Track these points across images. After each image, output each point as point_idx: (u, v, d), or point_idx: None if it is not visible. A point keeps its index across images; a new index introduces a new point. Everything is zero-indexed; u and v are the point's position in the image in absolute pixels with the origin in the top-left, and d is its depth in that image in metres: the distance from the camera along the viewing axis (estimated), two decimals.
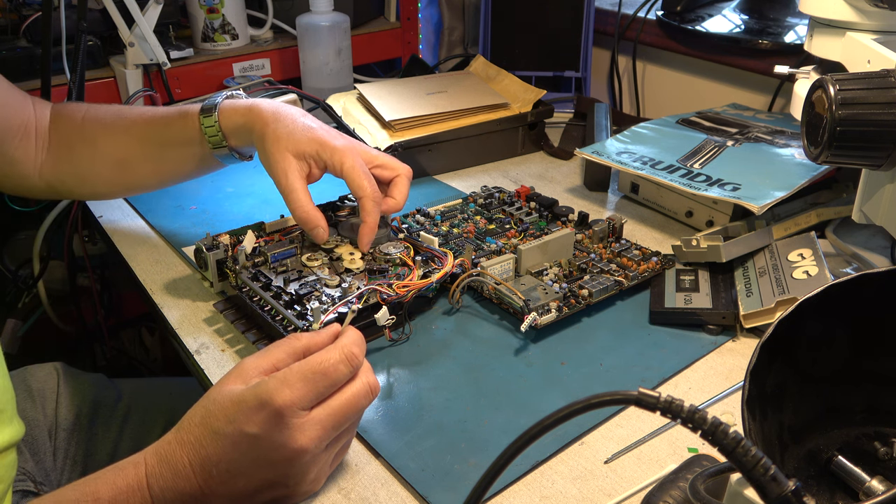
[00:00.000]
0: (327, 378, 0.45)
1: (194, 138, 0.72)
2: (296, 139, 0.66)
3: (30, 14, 1.08)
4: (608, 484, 0.50)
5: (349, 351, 0.46)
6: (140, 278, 0.75)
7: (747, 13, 1.11)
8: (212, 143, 0.71)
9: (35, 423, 0.80)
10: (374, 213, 0.66)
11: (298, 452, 0.43)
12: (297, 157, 0.66)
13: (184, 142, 0.73)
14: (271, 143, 0.66)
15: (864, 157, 0.52)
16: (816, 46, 0.67)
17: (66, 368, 0.86)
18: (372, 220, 0.67)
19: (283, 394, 0.43)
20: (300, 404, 0.43)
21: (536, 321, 0.62)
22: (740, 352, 0.63)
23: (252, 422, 0.43)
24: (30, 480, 0.71)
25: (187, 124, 0.72)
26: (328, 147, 0.66)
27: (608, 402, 0.32)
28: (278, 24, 1.27)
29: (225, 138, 0.71)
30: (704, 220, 0.80)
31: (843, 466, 0.42)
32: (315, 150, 0.66)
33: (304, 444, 0.43)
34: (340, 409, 0.45)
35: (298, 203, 0.66)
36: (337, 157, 0.66)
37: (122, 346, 1.38)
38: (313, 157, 0.67)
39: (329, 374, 0.45)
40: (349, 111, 1.00)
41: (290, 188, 0.66)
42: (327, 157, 0.66)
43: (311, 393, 0.44)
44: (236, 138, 0.72)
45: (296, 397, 0.43)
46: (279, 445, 0.43)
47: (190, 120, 0.72)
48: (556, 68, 1.22)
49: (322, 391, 0.45)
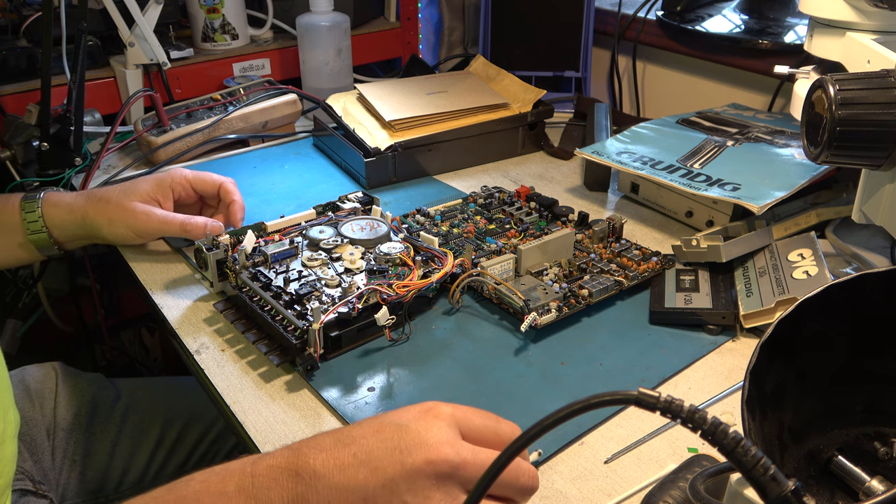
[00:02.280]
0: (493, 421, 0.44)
1: (14, 226, 0.73)
2: (133, 190, 0.74)
3: (30, 14, 1.08)
4: (608, 484, 0.50)
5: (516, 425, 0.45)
6: (140, 278, 0.75)
7: (747, 13, 1.11)
8: (30, 231, 0.73)
9: (33, 423, 0.80)
10: (239, 192, 0.79)
11: (442, 460, 0.40)
12: (143, 202, 0.74)
13: (2, 229, 0.74)
14: (118, 211, 0.73)
15: (864, 157, 0.52)
16: (816, 46, 0.67)
17: (64, 368, 0.86)
18: (239, 197, 0.78)
19: (448, 406, 0.42)
20: (460, 422, 0.42)
21: (536, 321, 0.62)
22: (740, 352, 0.63)
23: (406, 415, 0.42)
24: (28, 480, 0.71)
25: (8, 210, 0.73)
26: (159, 178, 0.76)
27: (608, 402, 0.32)
28: (278, 24, 1.27)
29: (46, 227, 0.73)
30: (704, 220, 0.80)
31: (843, 466, 0.42)
32: (153, 186, 0.75)
33: (449, 455, 0.40)
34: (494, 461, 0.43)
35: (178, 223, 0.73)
36: (174, 177, 0.76)
37: (122, 346, 1.38)
38: (155, 194, 0.75)
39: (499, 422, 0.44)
40: (349, 111, 1.00)
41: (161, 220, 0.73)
42: (166, 184, 0.76)
43: (473, 420, 0.43)
44: (61, 230, 0.74)
45: (458, 413, 0.42)
46: (424, 442, 0.40)
47: (10, 207, 0.73)
48: (556, 68, 1.22)
49: (483, 431, 0.43)
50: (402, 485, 0.40)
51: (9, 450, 0.54)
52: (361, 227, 0.73)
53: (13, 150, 0.92)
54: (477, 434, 0.43)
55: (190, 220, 0.74)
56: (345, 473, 0.40)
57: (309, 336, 0.58)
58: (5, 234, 0.74)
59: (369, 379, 0.59)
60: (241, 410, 0.57)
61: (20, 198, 0.74)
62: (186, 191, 0.77)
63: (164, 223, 0.73)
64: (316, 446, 0.41)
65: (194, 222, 0.74)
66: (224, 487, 0.40)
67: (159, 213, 0.74)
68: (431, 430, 0.41)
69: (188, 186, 0.77)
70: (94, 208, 0.73)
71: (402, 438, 0.40)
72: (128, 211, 0.72)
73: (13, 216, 0.73)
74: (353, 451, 0.40)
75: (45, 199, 0.74)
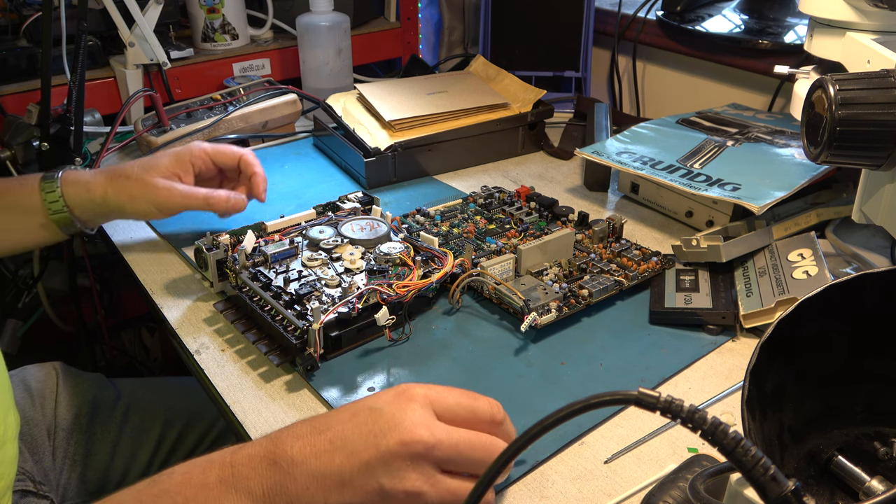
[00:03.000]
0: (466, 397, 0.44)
1: (35, 208, 0.72)
2: (153, 165, 0.73)
3: (30, 14, 1.08)
4: (608, 484, 0.50)
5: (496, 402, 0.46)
6: (140, 278, 0.75)
7: (747, 13, 1.11)
8: (52, 211, 0.71)
9: (34, 423, 0.80)
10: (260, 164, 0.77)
11: (415, 440, 0.41)
12: (164, 177, 0.72)
13: (23, 211, 0.72)
14: (139, 187, 0.71)
15: (864, 157, 0.52)
16: (816, 46, 0.67)
17: (65, 368, 0.86)
18: (261, 169, 0.77)
19: (421, 388, 0.43)
20: (433, 401, 0.43)
21: (536, 321, 0.62)
22: (740, 352, 0.63)
23: (381, 399, 0.43)
24: (29, 480, 0.71)
25: (27, 192, 0.72)
26: (178, 153, 0.74)
27: (608, 402, 0.32)
28: (278, 24, 1.27)
29: (67, 207, 0.72)
30: (704, 220, 0.80)
31: (843, 466, 0.42)
32: (173, 161, 0.74)
33: (423, 436, 0.41)
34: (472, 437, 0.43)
35: (202, 198, 0.72)
36: (193, 151, 0.74)
37: (122, 346, 1.38)
38: (175, 168, 0.73)
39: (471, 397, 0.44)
40: (349, 111, 1.00)
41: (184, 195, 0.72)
42: (186, 159, 0.74)
43: (447, 399, 0.43)
44: (82, 209, 0.73)
45: (431, 394, 0.43)
46: (398, 425, 0.41)
47: (30, 188, 0.72)
48: (556, 68, 1.22)
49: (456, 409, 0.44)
50: (377, 467, 0.40)
51: (9, 452, 0.54)
52: (361, 227, 0.73)
53: (13, 150, 0.92)
54: (452, 413, 0.43)
55: (213, 194, 0.73)
56: (321, 459, 0.40)
57: (309, 336, 0.58)
58: (27, 215, 0.72)
59: (369, 379, 0.59)
60: (241, 410, 0.57)
61: (39, 178, 0.72)
62: (206, 164, 0.76)
63: (186, 198, 0.72)
64: (293, 434, 0.42)
65: (217, 195, 0.73)
66: (205, 479, 0.41)
67: (181, 188, 0.72)
68: (405, 412, 0.41)
69: (207, 160, 0.75)
70: (115, 186, 0.72)
71: (377, 422, 0.41)
72: (149, 187, 0.71)
73: (33, 197, 0.72)
74: (328, 437, 0.41)
75: (63, 179, 0.72)
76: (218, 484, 0.40)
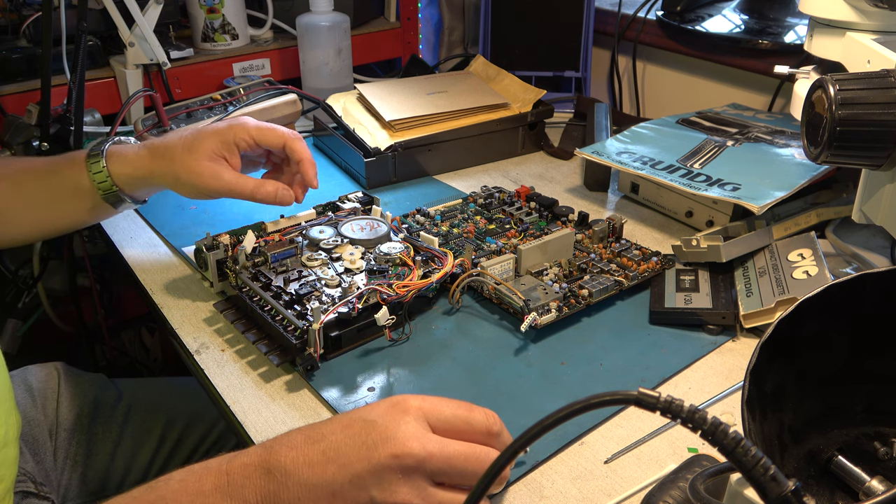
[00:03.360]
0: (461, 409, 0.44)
1: (84, 186, 0.70)
2: (197, 147, 0.69)
3: (30, 14, 1.08)
4: (608, 484, 0.50)
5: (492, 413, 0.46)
6: (140, 278, 0.75)
7: (747, 13, 1.11)
8: (101, 190, 0.70)
9: (35, 423, 0.80)
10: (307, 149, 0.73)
11: (406, 454, 0.41)
12: (210, 160, 0.69)
13: (73, 189, 0.71)
14: (184, 170, 0.68)
15: (864, 157, 0.52)
16: (816, 46, 0.67)
17: (66, 368, 0.86)
18: (309, 154, 0.73)
19: (416, 399, 0.43)
20: (427, 414, 0.43)
21: (536, 321, 0.62)
22: (740, 352, 0.63)
23: (375, 411, 0.43)
24: (30, 481, 0.71)
25: (75, 171, 0.70)
26: (222, 133, 0.70)
27: (608, 402, 0.32)
28: (278, 24, 1.27)
29: (115, 184, 0.70)
30: (704, 220, 0.80)
31: (843, 466, 0.42)
32: (218, 143, 0.69)
33: (414, 449, 0.41)
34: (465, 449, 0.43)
35: (249, 190, 0.69)
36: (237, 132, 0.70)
37: (122, 346, 1.38)
38: (220, 150, 0.70)
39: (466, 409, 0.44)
40: (349, 111, 1.00)
41: (231, 184, 0.69)
42: (230, 139, 0.70)
43: (443, 411, 0.43)
44: (129, 185, 0.71)
45: (426, 406, 0.43)
46: (391, 437, 0.41)
47: (77, 166, 0.70)
48: (556, 68, 1.22)
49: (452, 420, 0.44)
50: (368, 479, 0.41)
51: (10, 453, 0.54)
52: (361, 227, 0.73)
53: (13, 150, 0.92)
54: (448, 425, 0.44)
55: (260, 189, 0.70)
56: (313, 470, 0.41)
57: (309, 336, 0.58)
58: (78, 196, 0.71)
59: (369, 379, 0.59)
60: (241, 410, 0.57)
61: (84, 157, 0.71)
62: (251, 145, 0.72)
63: (233, 187, 0.70)
64: (287, 444, 0.42)
65: (265, 190, 0.70)
66: (201, 486, 0.41)
67: (228, 177, 0.69)
68: (398, 424, 0.42)
69: (252, 141, 0.72)
70: (160, 166, 0.70)
71: (370, 434, 0.41)
72: (194, 173, 0.69)
73: (82, 177, 0.70)
74: (321, 447, 0.41)
75: (108, 156, 0.70)
76: (213, 491, 0.41)
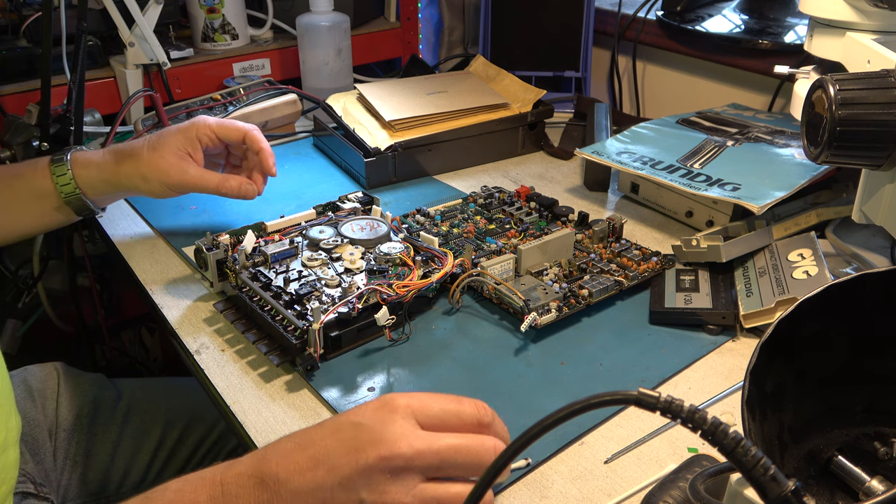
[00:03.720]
0: (450, 402, 0.44)
1: (46, 190, 0.73)
2: (162, 145, 0.73)
3: (30, 14, 1.08)
4: (608, 484, 0.50)
5: (481, 403, 0.46)
6: (140, 278, 0.75)
7: (747, 13, 1.11)
8: (64, 194, 0.73)
9: (35, 424, 0.80)
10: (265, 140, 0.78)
11: (394, 455, 0.41)
12: (175, 157, 0.73)
13: (35, 194, 0.73)
14: (150, 168, 0.73)
15: (864, 157, 0.52)
16: (816, 46, 0.67)
17: (66, 368, 0.86)
18: (267, 145, 0.77)
19: (404, 397, 0.43)
20: (416, 412, 0.43)
21: (536, 321, 0.62)
22: (740, 352, 0.63)
23: (363, 413, 0.43)
24: (29, 482, 0.71)
25: (38, 175, 0.73)
26: (185, 130, 0.74)
27: (608, 402, 0.32)
28: (278, 24, 1.27)
29: (78, 188, 0.73)
30: (704, 220, 0.80)
31: (843, 466, 0.42)
32: (182, 140, 0.74)
33: (402, 450, 0.41)
34: (455, 441, 0.43)
35: (214, 184, 0.74)
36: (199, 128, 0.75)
37: (122, 346, 1.38)
38: (185, 147, 0.74)
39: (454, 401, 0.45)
40: (349, 111, 1.00)
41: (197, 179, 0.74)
42: (193, 135, 0.74)
43: (431, 407, 0.44)
44: (94, 190, 0.74)
45: (414, 403, 0.43)
46: (378, 439, 0.41)
47: (41, 171, 0.73)
48: (556, 68, 1.22)
49: (441, 414, 0.44)
50: (357, 482, 0.41)
51: (11, 456, 0.54)
52: (361, 227, 0.73)
53: (13, 150, 0.92)
54: (437, 420, 0.44)
55: (225, 183, 0.75)
56: (304, 476, 0.41)
57: (309, 336, 0.58)
58: (40, 199, 0.74)
59: (369, 379, 0.59)
60: (241, 410, 0.57)
61: (48, 162, 0.74)
62: (213, 140, 0.76)
63: (199, 181, 0.74)
64: (278, 452, 0.43)
65: (229, 185, 0.75)
66: (196, 497, 0.41)
67: (194, 172, 0.74)
68: (386, 425, 0.42)
69: (213, 136, 0.76)
70: (126, 167, 0.73)
71: (358, 437, 0.42)
72: (160, 170, 0.73)
73: (45, 181, 0.73)
74: (311, 453, 0.42)
75: (73, 161, 0.74)
76: (209, 502, 0.41)
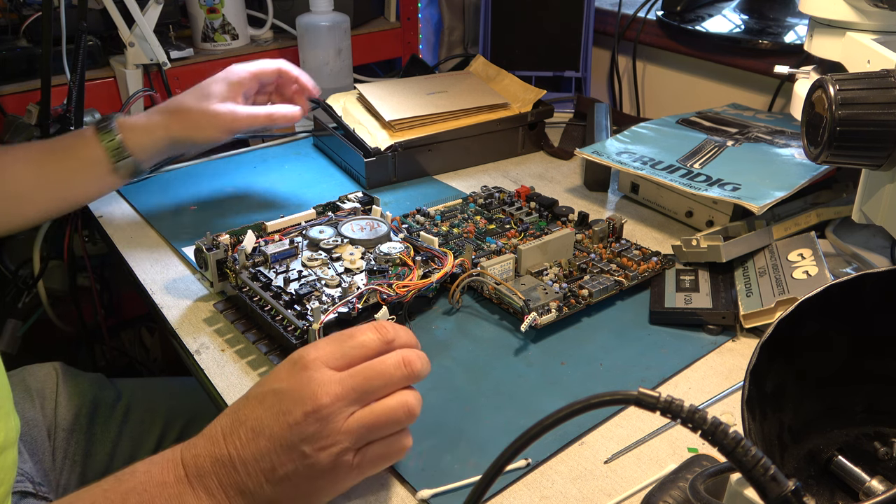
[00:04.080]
0: (353, 338, 0.47)
1: (97, 158, 0.76)
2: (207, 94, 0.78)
3: (30, 14, 1.08)
4: (608, 484, 0.50)
5: (379, 323, 0.48)
6: (140, 278, 0.75)
7: (747, 13, 1.11)
8: (116, 157, 0.76)
9: (34, 423, 0.80)
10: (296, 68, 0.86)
11: (317, 407, 0.44)
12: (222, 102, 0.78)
13: (88, 163, 0.76)
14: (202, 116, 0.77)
15: (864, 157, 0.52)
16: (816, 46, 0.67)
17: (65, 368, 0.86)
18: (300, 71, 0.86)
19: (311, 351, 0.46)
20: (326, 360, 0.45)
21: (536, 321, 0.62)
22: (740, 352, 0.63)
23: (280, 378, 0.45)
24: (28, 482, 0.71)
25: (87, 144, 0.76)
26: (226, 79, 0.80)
27: (608, 402, 0.32)
28: (278, 24, 1.27)
29: (129, 152, 0.77)
30: (704, 220, 0.80)
31: (843, 466, 0.42)
32: (224, 86, 0.79)
33: (323, 400, 0.44)
34: (364, 371, 0.45)
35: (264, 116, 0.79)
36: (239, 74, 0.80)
37: (122, 346, 1.38)
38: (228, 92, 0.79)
39: (355, 335, 0.47)
40: (349, 111, 1.00)
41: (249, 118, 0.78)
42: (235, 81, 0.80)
43: (337, 351, 0.46)
44: (143, 150, 0.78)
45: (321, 354, 0.45)
46: (300, 398, 0.44)
47: (89, 140, 0.76)
48: (556, 68, 1.22)
49: (348, 352, 0.46)
50: (295, 440, 0.43)
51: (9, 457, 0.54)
52: (361, 227, 0.73)
53: None
54: (348, 359, 0.46)
55: (274, 112, 0.80)
56: (250, 448, 0.44)
57: (309, 336, 0.58)
58: (93, 166, 0.77)
59: None
60: None
61: (94, 131, 0.77)
62: (252, 84, 0.82)
63: (251, 119, 0.79)
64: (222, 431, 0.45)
65: (279, 113, 0.80)
66: (165, 478, 0.44)
67: (242, 111, 0.79)
68: (302, 383, 0.44)
69: (253, 80, 0.82)
70: (177, 122, 0.78)
71: (282, 402, 0.44)
72: (212, 115, 0.77)
73: (95, 150, 0.76)
74: (249, 426, 0.44)
75: (120, 126, 0.77)
76: (176, 483, 0.43)
